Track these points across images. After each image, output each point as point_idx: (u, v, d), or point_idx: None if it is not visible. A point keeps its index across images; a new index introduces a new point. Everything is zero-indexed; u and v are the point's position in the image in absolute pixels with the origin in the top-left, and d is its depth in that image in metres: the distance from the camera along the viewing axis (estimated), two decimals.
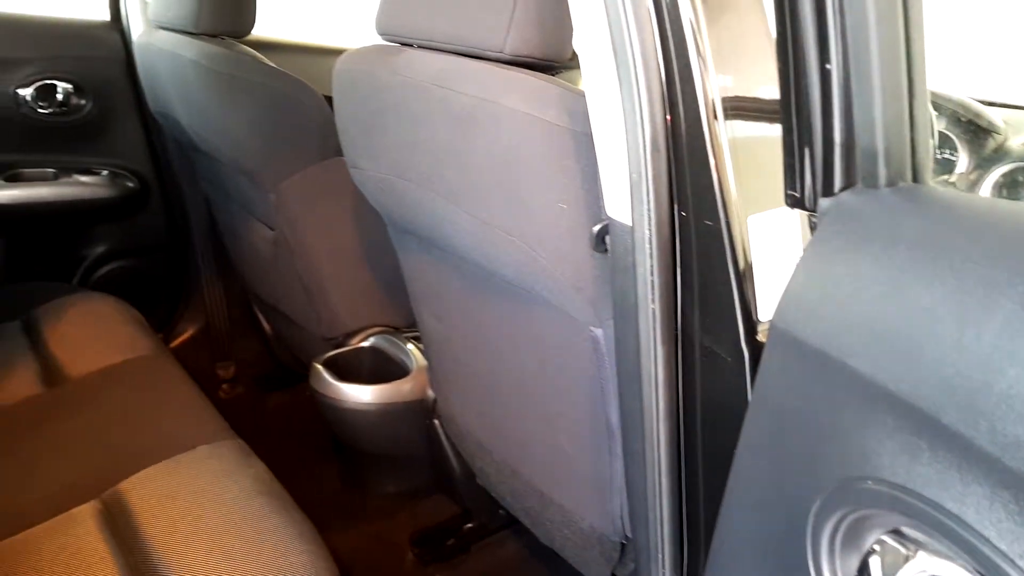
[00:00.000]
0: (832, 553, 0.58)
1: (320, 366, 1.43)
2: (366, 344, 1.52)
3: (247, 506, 1.02)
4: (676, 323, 0.74)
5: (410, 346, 1.45)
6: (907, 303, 0.49)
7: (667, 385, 0.77)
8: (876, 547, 0.56)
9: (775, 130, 0.63)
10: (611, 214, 0.75)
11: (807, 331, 0.56)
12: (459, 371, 1.22)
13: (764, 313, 0.69)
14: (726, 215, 0.67)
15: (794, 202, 0.61)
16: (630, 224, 0.72)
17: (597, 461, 0.97)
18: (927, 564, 0.53)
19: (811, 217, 0.61)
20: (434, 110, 0.90)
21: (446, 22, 0.90)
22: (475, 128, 0.85)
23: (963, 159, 1.05)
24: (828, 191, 0.58)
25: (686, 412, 0.77)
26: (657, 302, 0.73)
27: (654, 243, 0.71)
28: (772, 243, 0.69)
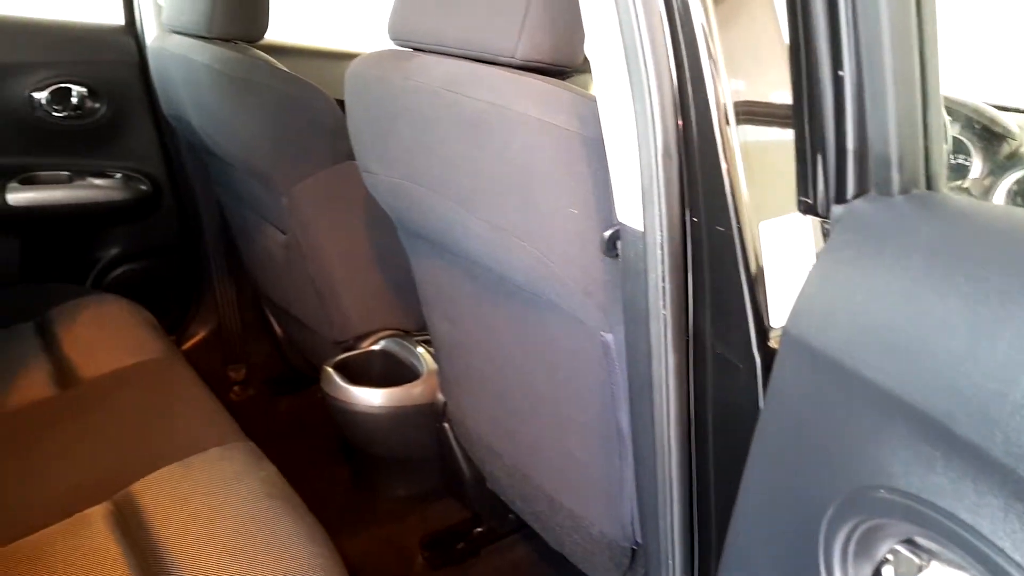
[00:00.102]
0: (845, 562, 0.58)
1: (331, 369, 1.44)
2: (377, 347, 1.52)
3: (258, 508, 1.02)
4: (687, 329, 0.74)
5: (420, 349, 1.45)
6: (921, 312, 0.49)
7: (678, 391, 0.77)
8: (889, 556, 0.56)
9: (787, 135, 0.62)
10: (622, 219, 0.75)
11: (820, 339, 0.55)
12: (469, 375, 1.22)
13: (776, 319, 0.68)
14: (738, 221, 0.67)
15: (806, 208, 0.60)
16: (641, 229, 0.72)
17: (607, 466, 0.97)
18: (940, 574, 0.53)
19: (824, 224, 0.60)
20: (445, 115, 0.90)
21: (458, 27, 0.90)
22: (486, 133, 0.85)
23: (977, 164, 1.04)
24: (841, 198, 0.58)
25: (697, 418, 0.77)
26: (668, 307, 0.73)
27: (665, 248, 0.71)
28: (784, 249, 0.68)
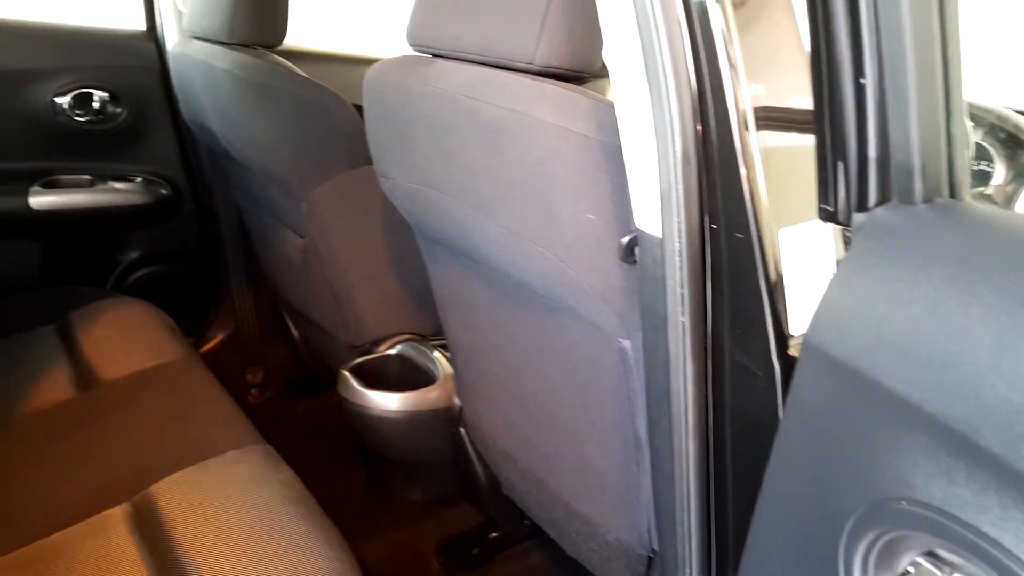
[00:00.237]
0: (865, 573, 0.57)
1: (348, 373, 1.44)
2: (393, 352, 1.53)
3: (275, 512, 1.03)
4: (706, 336, 0.74)
5: (437, 354, 1.45)
6: (944, 322, 0.49)
7: (696, 398, 0.76)
8: (911, 568, 0.55)
9: (808, 142, 0.62)
10: (640, 226, 0.75)
11: (841, 348, 0.55)
12: (486, 380, 1.22)
13: (795, 327, 0.68)
14: (757, 227, 0.66)
15: (827, 216, 0.60)
16: (660, 236, 0.72)
17: (624, 474, 0.97)
18: None
19: (845, 232, 0.60)
20: (464, 121, 0.90)
21: (476, 33, 0.90)
22: (505, 139, 0.85)
23: (1000, 171, 1.03)
24: (862, 206, 0.57)
25: (715, 426, 0.77)
26: (687, 315, 0.73)
27: (684, 255, 0.71)
28: (803, 257, 0.68)
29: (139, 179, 1.82)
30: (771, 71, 0.67)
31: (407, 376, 1.46)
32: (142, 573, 0.93)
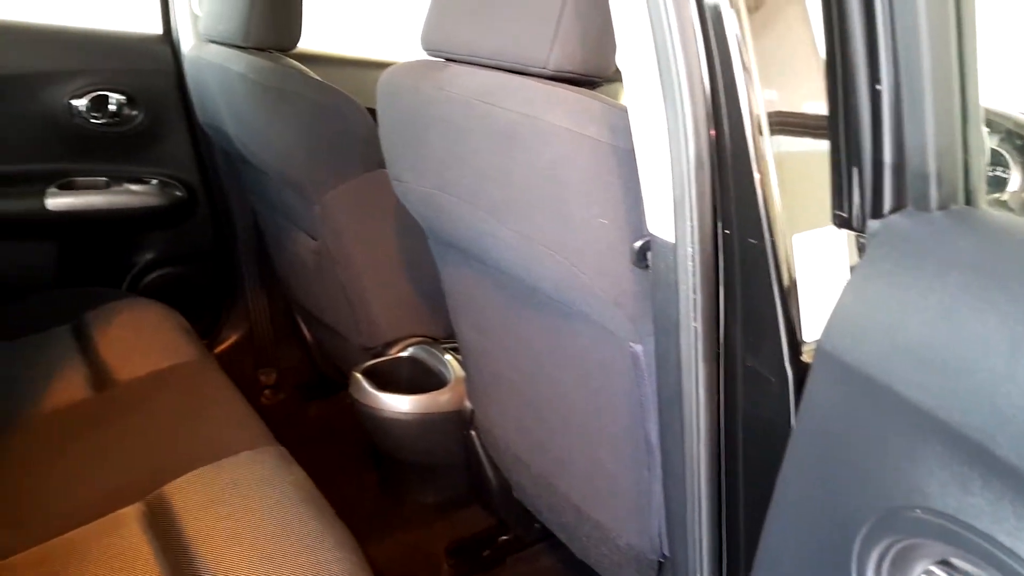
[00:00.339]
0: None
1: (360, 375, 1.44)
2: (405, 354, 1.53)
3: (287, 512, 1.03)
4: (718, 341, 0.74)
5: (448, 357, 1.46)
6: (959, 330, 0.48)
7: (708, 403, 0.76)
8: None
9: (822, 147, 0.62)
10: (653, 230, 0.75)
11: (854, 354, 0.55)
12: (497, 383, 1.22)
13: (809, 334, 0.68)
14: (771, 233, 0.66)
15: (842, 223, 0.60)
16: (673, 241, 0.72)
17: (636, 478, 0.97)
18: None
19: (859, 238, 0.59)
20: (477, 125, 0.90)
21: (490, 38, 0.91)
22: (518, 144, 0.85)
23: (1016, 177, 1.02)
24: (877, 213, 0.57)
25: (727, 432, 0.76)
26: (699, 320, 0.72)
27: (697, 260, 0.71)
28: (817, 263, 0.68)
29: (154, 181, 1.83)
30: (785, 76, 0.67)
31: (419, 379, 1.47)
32: (155, 572, 0.94)
